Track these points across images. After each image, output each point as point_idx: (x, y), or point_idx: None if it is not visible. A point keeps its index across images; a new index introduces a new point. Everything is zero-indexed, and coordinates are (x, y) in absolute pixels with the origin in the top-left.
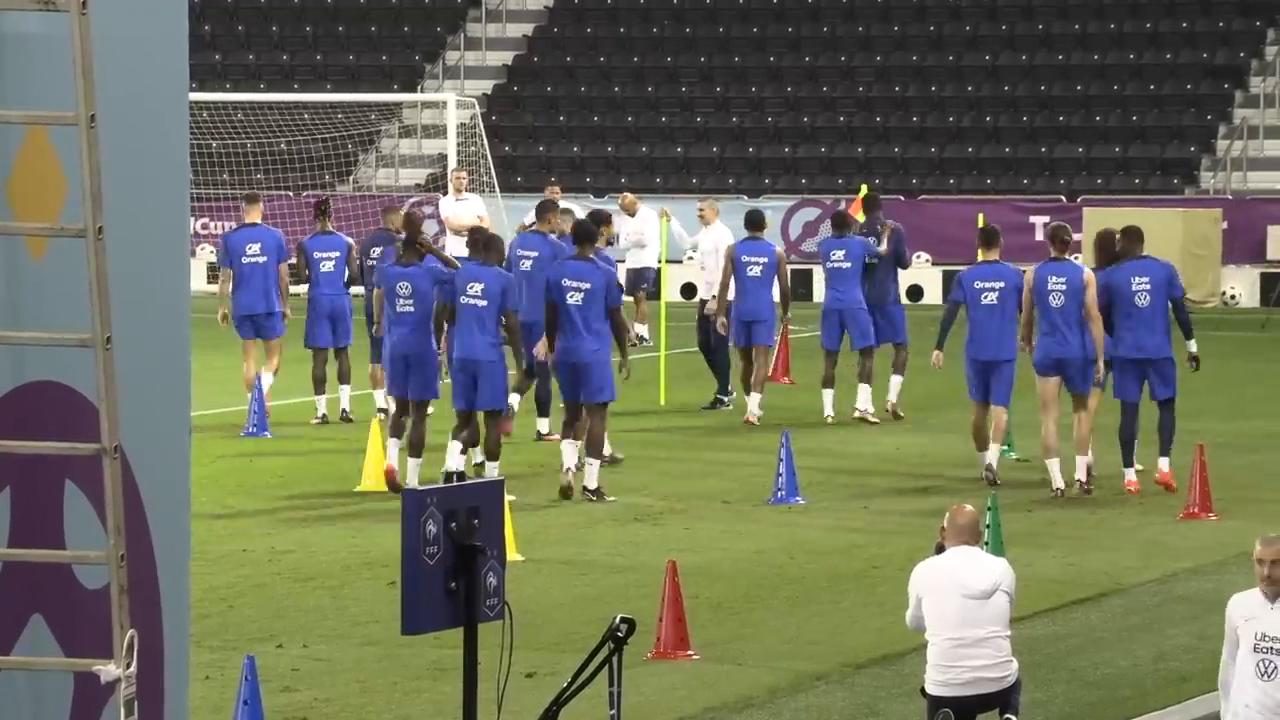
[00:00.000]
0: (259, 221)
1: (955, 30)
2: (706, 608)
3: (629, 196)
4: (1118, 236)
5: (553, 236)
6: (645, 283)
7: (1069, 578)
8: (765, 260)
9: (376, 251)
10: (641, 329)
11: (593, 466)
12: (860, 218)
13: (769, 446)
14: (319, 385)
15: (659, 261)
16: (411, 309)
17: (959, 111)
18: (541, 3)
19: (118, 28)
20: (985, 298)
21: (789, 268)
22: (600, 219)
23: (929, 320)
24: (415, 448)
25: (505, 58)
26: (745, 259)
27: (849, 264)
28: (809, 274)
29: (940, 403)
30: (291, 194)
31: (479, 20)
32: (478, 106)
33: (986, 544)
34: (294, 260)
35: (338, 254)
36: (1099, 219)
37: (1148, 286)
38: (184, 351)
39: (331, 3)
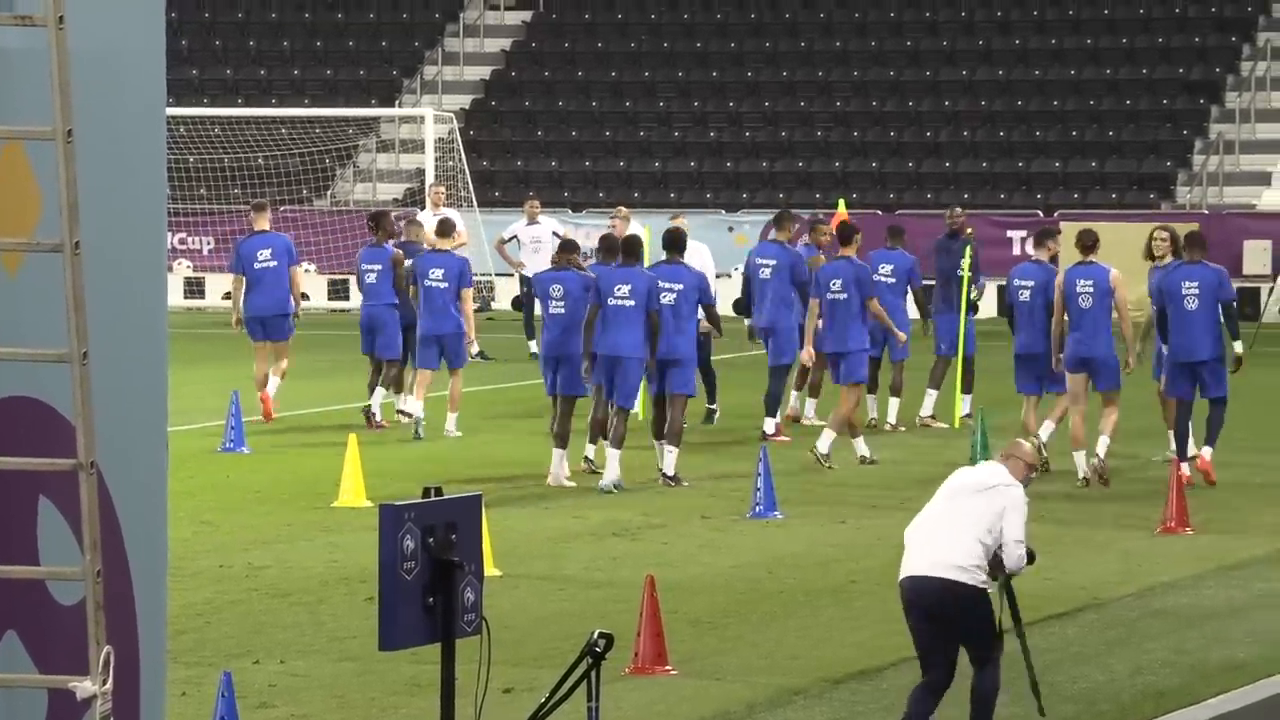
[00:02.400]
0: (268, 228)
1: (932, 45)
2: (685, 623)
3: (624, 210)
4: (1170, 239)
5: (796, 245)
6: None
7: (1046, 592)
8: (681, 286)
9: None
10: None
11: (672, 454)
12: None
13: (747, 461)
14: (373, 390)
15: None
16: (562, 311)
17: (936, 126)
18: (519, 18)
19: (95, 42)
20: (1083, 300)
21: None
22: (571, 249)
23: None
24: (618, 440)
25: (483, 73)
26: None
27: (894, 279)
28: None
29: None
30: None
31: (457, 35)
32: (455, 121)
33: None
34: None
35: (380, 266)
36: (1074, 235)
37: (1196, 291)
38: (161, 367)
39: (309, 18)
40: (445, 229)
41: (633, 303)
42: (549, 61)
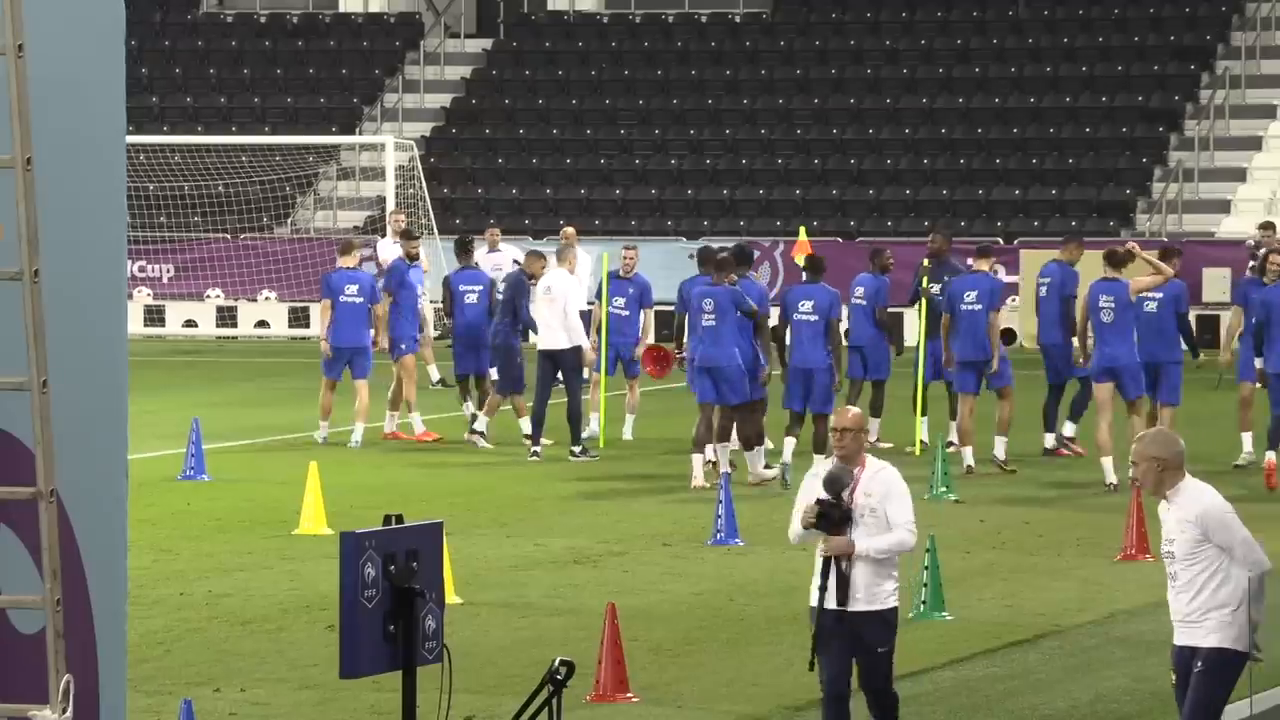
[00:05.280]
0: (356, 265)
1: (892, 74)
2: (646, 650)
3: (569, 230)
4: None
5: (1071, 265)
6: None
7: (1007, 619)
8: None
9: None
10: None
11: (754, 455)
12: (800, 259)
13: (704, 490)
14: (474, 405)
15: (590, 303)
16: (714, 323)
17: (896, 154)
18: (479, 45)
19: (55, 70)
20: (1105, 315)
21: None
22: (725, 265)
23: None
24: (820, 444)
25: (443, 100)
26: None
27: (815, 316)
28: None
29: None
30: (229, 237)
31: (417, 63)
32: (416, 149)
33: (925, 584)
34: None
35: (480, 288)
36: (1036, 261)
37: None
38: (121, 395)
39: (269, 45)
40: (345, 247)
41: (815, 317)
42: (509, 89)
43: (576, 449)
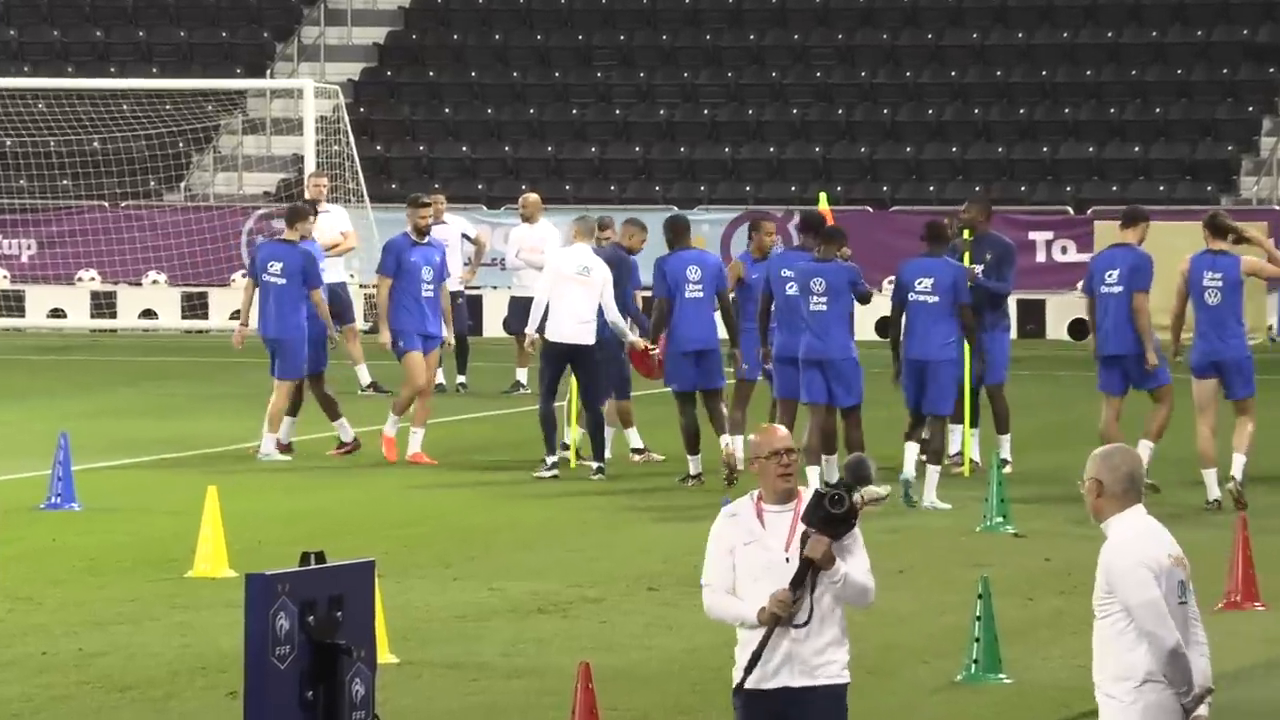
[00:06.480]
0: (304, 239)
1: (933, 2)
2: None
3: (533, 197)
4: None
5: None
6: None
7: (1077, 683)
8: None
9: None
10: (522, 373)
11: (934, 474)
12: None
13: (702, 518)
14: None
15: None
16: (824, 308)
17: (940, 102)
18: None
19: None
20: (1210, 296)
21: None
22: (836, 237)
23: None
24: (937, 455)
25: (376, 35)
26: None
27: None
28: None
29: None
30: (106, 206)
31: None
32: (342, 96)
33: (977, 639)
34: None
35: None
36: (1111, 236)
37: None
38: None
39: None
40: (293, 215)
41: (937, 298)
42: (457, 22)
43: (593, 465)
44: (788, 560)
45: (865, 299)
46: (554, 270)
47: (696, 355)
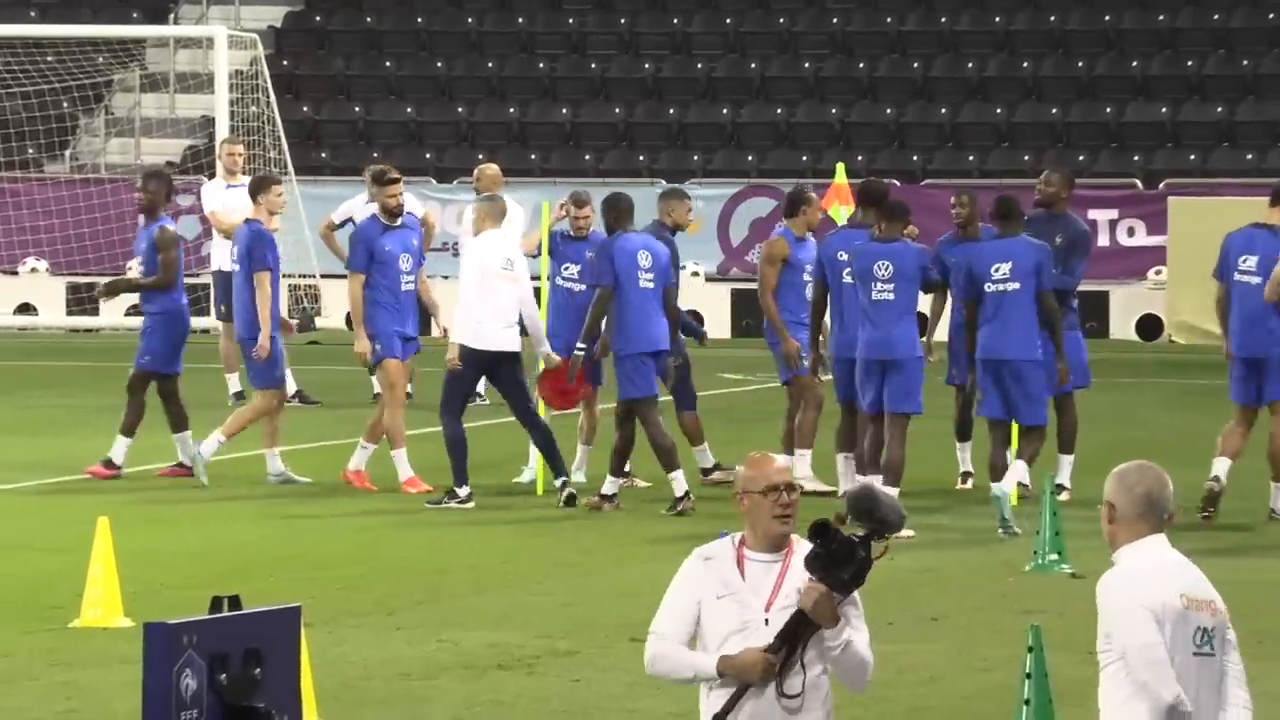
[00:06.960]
0: (271, 220)
1: None
2: None
3: (491, 169)
4: None
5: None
6: None
7: None
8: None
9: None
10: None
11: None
12: (839, 213)
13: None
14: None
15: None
16: (891, 297)
17: (981, 55)
18: None
19: None
20: (1245, 279)
21: (735, 285)
22: (901, 213)
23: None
24: (997, 470)
25: None
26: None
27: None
28: None
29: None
30: None
31: None
32: (261, 47)
33: (1027, 701)
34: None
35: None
36: (1190, 214)
37: None
38: None
39: None
40: (257, 185)
41: (1017, 285)
42: None
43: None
44: (767, 623)
45: (932, 288)
46: (478, 265)
47: (655, 356)
